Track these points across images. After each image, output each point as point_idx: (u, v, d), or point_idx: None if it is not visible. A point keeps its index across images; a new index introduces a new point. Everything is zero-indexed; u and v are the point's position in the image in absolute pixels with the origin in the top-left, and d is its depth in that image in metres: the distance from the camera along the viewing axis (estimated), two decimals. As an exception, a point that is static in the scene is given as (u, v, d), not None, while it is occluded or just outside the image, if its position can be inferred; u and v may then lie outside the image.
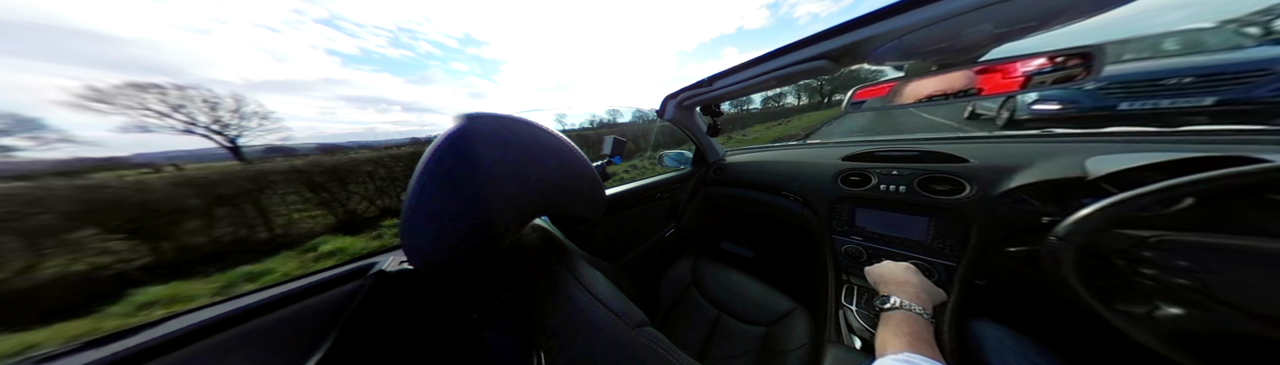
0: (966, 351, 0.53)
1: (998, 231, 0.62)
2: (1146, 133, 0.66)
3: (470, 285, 0.42)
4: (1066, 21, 0.41)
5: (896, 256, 0.73)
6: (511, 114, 0.33)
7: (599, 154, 0.89)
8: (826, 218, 0.88)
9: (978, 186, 0.66)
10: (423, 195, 0.27)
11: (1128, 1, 0.37)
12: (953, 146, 0.78)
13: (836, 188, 0.87)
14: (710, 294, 0.88)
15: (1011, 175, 0.62)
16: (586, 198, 0.42)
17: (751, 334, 0.76)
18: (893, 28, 0.43)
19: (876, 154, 0.88)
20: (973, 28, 0.41)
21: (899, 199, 0.76)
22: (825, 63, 0.55)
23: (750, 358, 0.70)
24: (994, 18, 0.39)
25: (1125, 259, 0.37)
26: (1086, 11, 0.38)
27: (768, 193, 1.08)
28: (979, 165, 0.69)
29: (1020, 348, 0.50)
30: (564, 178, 0.37)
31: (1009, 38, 0.45)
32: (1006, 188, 0.60)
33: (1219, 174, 0.33)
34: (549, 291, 0.36)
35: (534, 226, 0.52)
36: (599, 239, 0.99)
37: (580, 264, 0.40)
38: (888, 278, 0.53)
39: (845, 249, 0.82)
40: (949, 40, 0.45)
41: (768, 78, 0.65)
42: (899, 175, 0.77)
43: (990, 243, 0.62)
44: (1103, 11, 0.39)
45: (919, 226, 0.72)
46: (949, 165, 0.73)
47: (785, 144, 1.36)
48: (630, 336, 0.31)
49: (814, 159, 0.99)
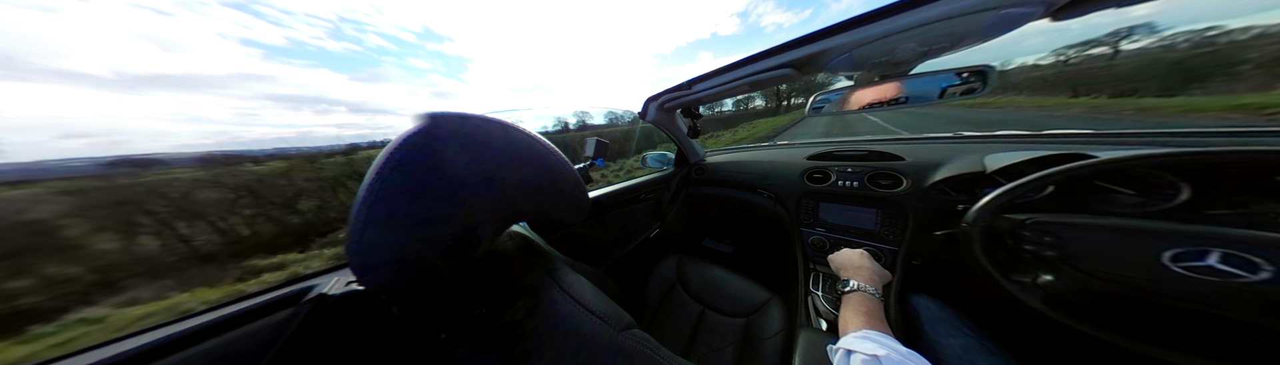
0: (908, 321, 0.62)
1: (927, 218, 0.73)
2: (1022, 135, 0.83)
3: (437, 303, 0.37)
4: (970, 44, 0.51)
5: (853, 244, 0.83)
6: (482, 114, 0.31)
7: (581, 156, 0.88)
8: (795, 212, 0.96)
9: (911, 180, 0.77)
10: (377, 204, 0.24)
11: (1010, 30, 0.47)
12: (892, 146, 0.91)
13: (803, 184, 0.96)
14: (694, 291, 0.91)
15: (935, 170, 0.74)
16: (569, 201, 0.41)
17: (733, 326, 0.79)
18: (844, 42, 0.49)
19: (834, 153, 0.98)
20: (903, 46, 0.50)
21: (854, 193, 0.86)
22: (790, 71, 0.61)
23: (733, 348, 0.74)
24: (919, 38, 0.47)
25: (1013, 238, 0.47)
26: (984, 37, 0.48)
27: (745, 190, 1.15)
28: (912, 162, 0.81)
29: (946, 315, 0.59)
30: (544, 181, 0.35)
31: (930, 55, 0.55)
32: (931, 181, 0.72)
33: (1067, 167, 0.43)
34: (529, 302, 0.35)
35: (511, 233, 0.49)
36: (583, 242, 0.97)
37: (563, 270, 0.40)
38: (846, 264, 0.60)
39: (811, 240, 0.90)
40: (887, 55, 0.53)
41: (741, 83, 0.70)
42: (853, 172, 0.88)
43: (922, 228, 0.73)
44: (995, 37, 0.49)
45: (869, 217, 0.83)
46: (890, 163, 0.84)
47: (758, 145, 1.46)
48: (617, 340, 0.31)
49: (783, 158, 1.08)
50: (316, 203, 5.20)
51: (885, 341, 0.37)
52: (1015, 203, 0.47)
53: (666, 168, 1.32)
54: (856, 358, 0.35)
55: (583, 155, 0.89)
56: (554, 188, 0.37)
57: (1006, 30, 0.46)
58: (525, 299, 0.35)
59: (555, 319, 0.33)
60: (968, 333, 0.54)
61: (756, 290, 0.86)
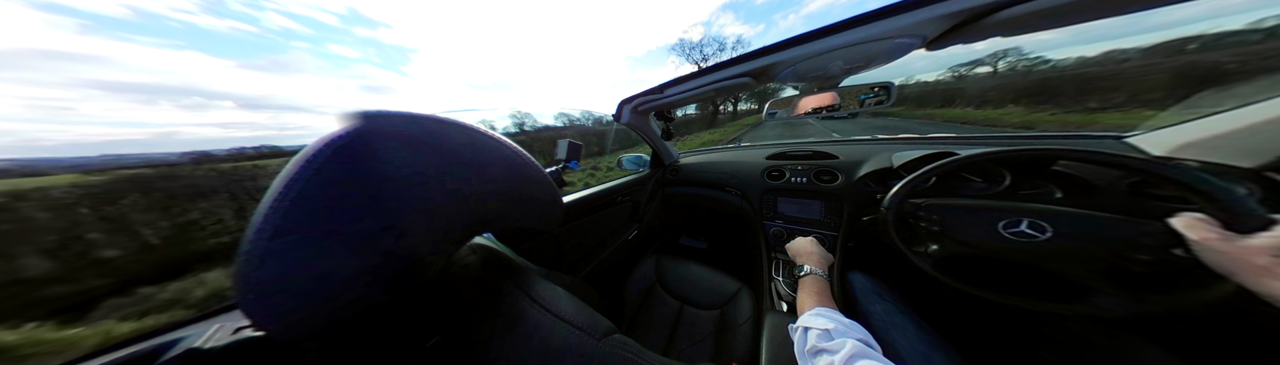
0: (847, 294, 0.74)
1: (857, 207, 0.88)
2: (915, 137, 1.07)
3: (376, 338, 0.30)
4: (878, 65, 0.64)
5: (805, 233, 0.95)
6: (435, 114, 0.27)
7: (553, 159, 0.86)
8: (758, 207, 1.07)
9: (845, 176, 0.92)
10: (291, 225, 0.20)
11: (902, 55, 0.60)
12: (830, 147, 1.07)
13: (764, 182, 1.07)
14: (672, 288, 0.95)
15: (860, 167, 0.90)
16: (541, 207, 0.38)
17: (709, 318, 0.84)
18: (789, 56, 0.58)
19: (788, 153, 1.12)
20: (832, 63, 0.60)
21: (803, 188, 0.99)
22: (749, 79, 0.68)
23: (711, 340, 0.78)
24: (843, 58, 0.58)
25: (912, 218, 0.60)
26: (886, 59, 0.61)
27: (715, 189, 1.23)
28: (844, 160, 0.97)
29: (875, 287, 0.71)
30: (511, 187, 0.32)
31: (852, 72, 0.67)
32: (858, 175, 0.88)
33: (942, 163, 0.57)
34: (496, 321, 0.31)
35: (474, 246, 0.45)
36: (558, 250, 0.95)
37: (535, 282, 0.37)
38: (799, 251, 0.68)
39: (772, 231, 1.02)
40: (821, 70, 0.64)
41: (708, 89, 0.76)
42: (802, 169, 1.01)
43: (854, 215, 0.88)
44: (894, 60, 0.62)
45: (816, 208, 0.96)
46: (828, 161, 1.00)
47: (726, 147, 1.57)
48: (597, 349, 0.31)
49: (748, 158, 1.19)
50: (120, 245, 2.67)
51: (833, 316, 0.44)
52: (913, 191, 0.60)
53: (642, 170, 1.35)
54: (812, 333, 0.41)
55: (555, 158, 0.87)
56: (524, 193, 0.34)
57: (900, 55, 0.58)
58: (493, 318, 0.32)
59: (530, 335, 0.30)
60: (888, 299, 0.66)
61: (728, 282, 0.91)
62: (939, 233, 0.56)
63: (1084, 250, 0.46)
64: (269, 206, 0.20)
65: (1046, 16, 0.40)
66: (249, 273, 0.19)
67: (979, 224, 0.53)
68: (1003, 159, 0.53)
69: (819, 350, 0.38)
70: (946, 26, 0.45)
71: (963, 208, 0.57)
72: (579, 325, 0.32)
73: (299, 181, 0.20)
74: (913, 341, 0.55)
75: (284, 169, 0.21)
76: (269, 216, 0.19)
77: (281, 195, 0.20)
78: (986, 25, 0.43)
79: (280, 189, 0.20)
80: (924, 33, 0.48)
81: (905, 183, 0.59)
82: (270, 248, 0.19)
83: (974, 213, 0.55)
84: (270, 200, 0.20)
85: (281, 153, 46.37)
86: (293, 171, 0.20)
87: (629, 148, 7.65)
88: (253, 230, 0.19)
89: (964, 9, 0.40)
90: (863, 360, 0.33)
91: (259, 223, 0.19)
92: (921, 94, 73.51)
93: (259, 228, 0.19)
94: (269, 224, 0.19)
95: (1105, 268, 0.46)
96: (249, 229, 0.19)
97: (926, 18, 0.42)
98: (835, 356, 0.34)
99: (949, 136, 1.01)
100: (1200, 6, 14.94)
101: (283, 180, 0.20)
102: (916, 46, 0.54)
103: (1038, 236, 0.49)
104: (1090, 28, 22.68)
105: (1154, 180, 0.47)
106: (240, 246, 0.19)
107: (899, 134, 1.21)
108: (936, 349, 0.54)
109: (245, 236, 0.19)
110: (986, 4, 0.38)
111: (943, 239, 0.56)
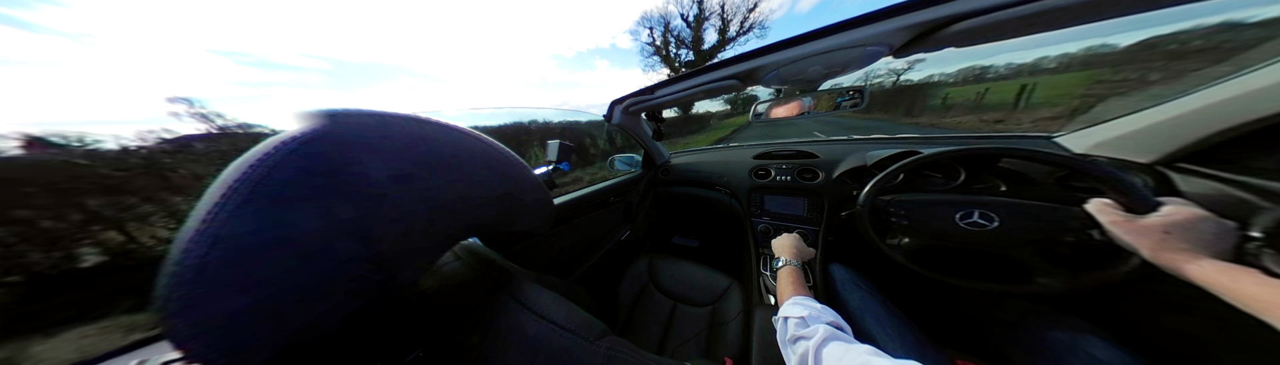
0: (828, 285, 0.78)
1: (837, 203, 0.94)
2: (886, 138, 1.15)
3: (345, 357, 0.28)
4: (853, 70, 0.69)
5: (789, 229, 0.99)
6: (415, 113, 0.25)
7: (543, 161, 0.85)
8: (747, 205, 1.11)
9: (825, 174, 0.98)
10: (231, 239, 0.16)
11: (873, 62, 0.65)
12: (811, 146, 1.13)
13: (751, 180, 1.12)
14: (665, 287, 0.96)
15: (838, 165, 0.95)
16: (531, 210, 0.37)
17: (701, 315, 0.86)
18: (773, 60, 0.61)
19: (773, 153, 1.16)
20: (812, 68, 0.65)
21: (787, 186, 1.04)
22: (736, 81, 0.71)
23: (703, 336, 0.80)
24: (822, 63, 0.62)
25: (885, 213, 0.65)
26: (860, 65, 0.66)
27: (706, 188, 1.27)
28: (824, 159, 1.03)
29: (853, 278, 0.76)
30: (498, 192, 0.31)
31: (831, 76, 0.72)
32: (837, 173, 0.93)
33: (908, 161, 0.62)
34: (485, 329, 0.30)
35: (458, 251, 0.43)
36: (549, 253, 0.94)
37: (526, 287, 0.36)
38: (780, 246, 0.74)
39: (760, 228, 1.06)
40: (802, 74, 0.68)
41: (697, 90, 0.78)
42: (786, 168, 1.06)
43: (834, 211, 0.94)
44: (867, 66, 0.67)
45: (800, 205, 1.01)
46: (809, 160, 1.05)
47: (715, 147, 1.62)
48: (591, 351, 0.30)
49: (735, 158, 1.23)
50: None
51: (808, 303, 0.47)
52: (885, 187, 0.65)
53: (634, 170, 1.36)
54: (790, 322, 0.43)
55: (545, 159, 0.86)
56: (513, 196, 0.33)
57: (871, 62, 0.64)
58: (481, 326, 0.31)
59: (522, 341, 0.30)
60: (863, 288, 0.71)
61: (719, 278, 0.94)
62: (908, 226, 0.62)
63: (1026, 235, 0.54)
64: (204, 214, 0.16)
65: (992, 30, 0.45)
66: (180, 294, 0.16)
67: (940, 216, 0.59)
68: (958, 157, 0.60)
69: (797, 338, 0.40)
70: (909, 36, 0.50)
71: (926, 202, 0.63)
72: (572, 328, 0.32)
73: (245, 183, 0.17)
74: (884, 325, 0.60)
75: (222, 174, 0.18)
76: (204, 227, 0.16)
77: (219, 207, 0.17)
78: (942, 37, 0.47)
79: (217, 200, 0.17)
80: (891, 41, 0.52)
81: (876, 181, 0.65)
82: (204, 264, 0.16)
83: (936, 206, 0.61)
84: (209, 210, 0.17)
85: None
86: (236, 175, 0.17)
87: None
88: (181, 245, 0.16)
89: (923, 21, 0.44)
90: (833, 342, 0.36)
91: (191, 234, 0.16)
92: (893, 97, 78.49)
93: (191, 243, 0.16)
94: (202, 237, 0.16)
95: (1044, 249, 0.53)
96: (177, 243, 0.16)
97: (893, 28, 0.47)
98: (810, 342, 0.36)
99: (914, 137, 1.12)
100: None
101: (221, 187, 0.17)
102: (885, 54, 0.58)
103: (988, 225, 0.55)
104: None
105: (1077, 174, 0.54)
106: (165, 263, 0.16)
107: (872, 134, 1.31)
108: (905, 330, 0.59)
109: (172, 251, 0.16)
110: (942, 17, 0.43)
111: (912, 231, 0.62)
